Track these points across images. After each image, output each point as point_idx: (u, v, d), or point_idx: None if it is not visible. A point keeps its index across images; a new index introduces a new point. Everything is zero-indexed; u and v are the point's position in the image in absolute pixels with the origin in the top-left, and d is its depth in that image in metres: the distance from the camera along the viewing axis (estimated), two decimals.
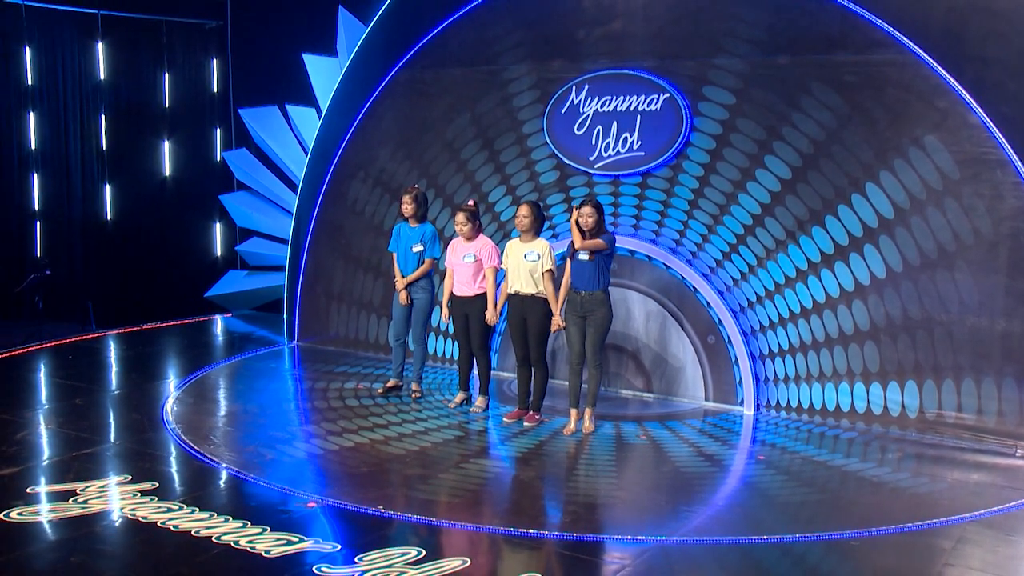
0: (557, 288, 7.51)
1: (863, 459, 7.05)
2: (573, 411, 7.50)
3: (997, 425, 7.20)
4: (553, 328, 7.52)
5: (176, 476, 6.30)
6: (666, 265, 8.37)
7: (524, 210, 7.50)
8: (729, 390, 8.26)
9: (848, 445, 7.39)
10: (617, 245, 7.65)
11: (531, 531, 5.47)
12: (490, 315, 7.78)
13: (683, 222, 8.37)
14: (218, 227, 13.00)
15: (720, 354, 8.27)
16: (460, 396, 8.16)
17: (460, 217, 7.84)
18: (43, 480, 6.08)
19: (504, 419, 7.72)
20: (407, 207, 8.17)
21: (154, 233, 12.80)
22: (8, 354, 9.77)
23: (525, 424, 7.61)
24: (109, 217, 12.70)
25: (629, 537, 5.49)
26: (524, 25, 8.97)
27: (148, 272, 12.76)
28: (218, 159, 12.70)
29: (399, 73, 9.71)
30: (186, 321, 11.84)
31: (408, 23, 9.62)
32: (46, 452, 6.74)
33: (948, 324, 7.33)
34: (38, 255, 12.31)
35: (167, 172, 12.92)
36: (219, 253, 13.06)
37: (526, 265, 7.47)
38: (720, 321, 8.18)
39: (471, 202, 8.03)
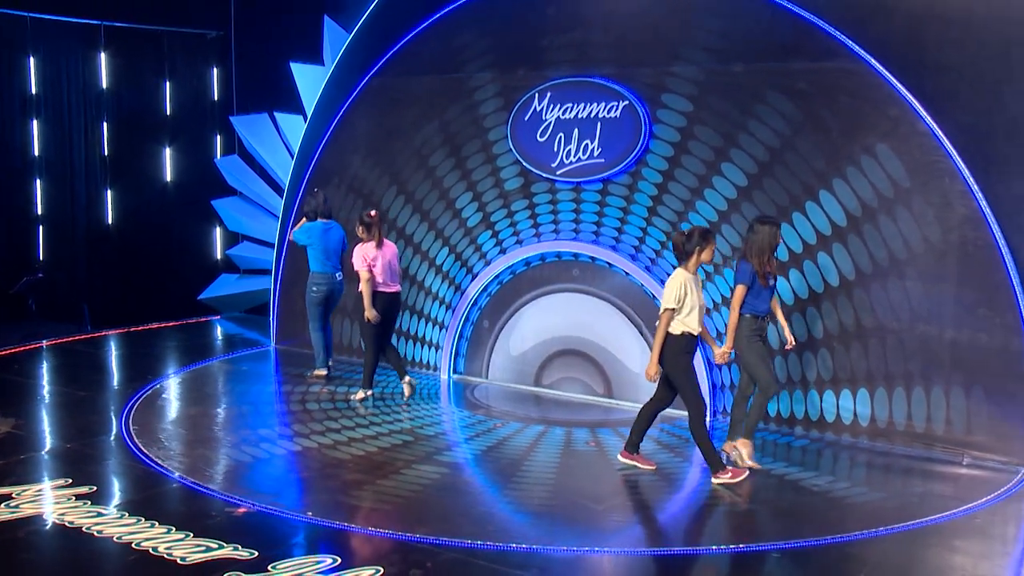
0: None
1: (816, 468, 7.06)
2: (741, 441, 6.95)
3: (945, 433, 7.14)
4: (723, 359, 6.94)
5: (116, 480, 6.46)
6: (626, 272, 8.37)
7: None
8: None
9: (802, 454, 7.37)
10: (578, 251, 7.58)
11: (455, 541, 5.47)
12: (368, 313, 8.35)
13: (642, 229, 8.38)
14: (218, 231, 13.24)
15: None
16: (361, 393, 8.64)
17: None
18: None
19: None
20: None
21: (155, 237, 13.06)
22: None
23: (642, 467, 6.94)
24: (111, 222, 12.99)
25: (554, 548, 5.47)
26: (489, 33, 9.04)
27: (149, 275, 13.02)
28: None
29: (372, 81, 9.83)
30: (178, 323, 12.08)
31: (383, 32, 9.73)
32: None
33: (899, 332, 7.28)
34: (40, 259, 12.64)
35: (168, 178, 13.19)
36: (218, 257, 13.31)
37: (702, 299, 6.68)
38: None
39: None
